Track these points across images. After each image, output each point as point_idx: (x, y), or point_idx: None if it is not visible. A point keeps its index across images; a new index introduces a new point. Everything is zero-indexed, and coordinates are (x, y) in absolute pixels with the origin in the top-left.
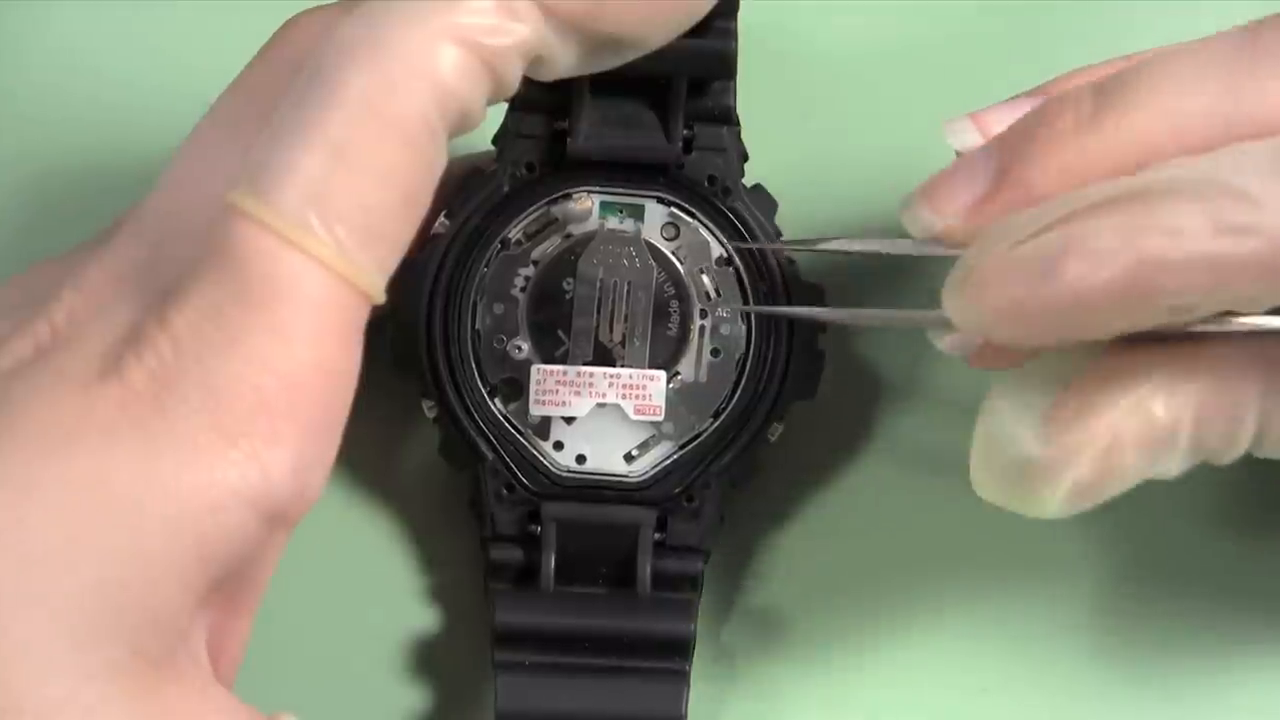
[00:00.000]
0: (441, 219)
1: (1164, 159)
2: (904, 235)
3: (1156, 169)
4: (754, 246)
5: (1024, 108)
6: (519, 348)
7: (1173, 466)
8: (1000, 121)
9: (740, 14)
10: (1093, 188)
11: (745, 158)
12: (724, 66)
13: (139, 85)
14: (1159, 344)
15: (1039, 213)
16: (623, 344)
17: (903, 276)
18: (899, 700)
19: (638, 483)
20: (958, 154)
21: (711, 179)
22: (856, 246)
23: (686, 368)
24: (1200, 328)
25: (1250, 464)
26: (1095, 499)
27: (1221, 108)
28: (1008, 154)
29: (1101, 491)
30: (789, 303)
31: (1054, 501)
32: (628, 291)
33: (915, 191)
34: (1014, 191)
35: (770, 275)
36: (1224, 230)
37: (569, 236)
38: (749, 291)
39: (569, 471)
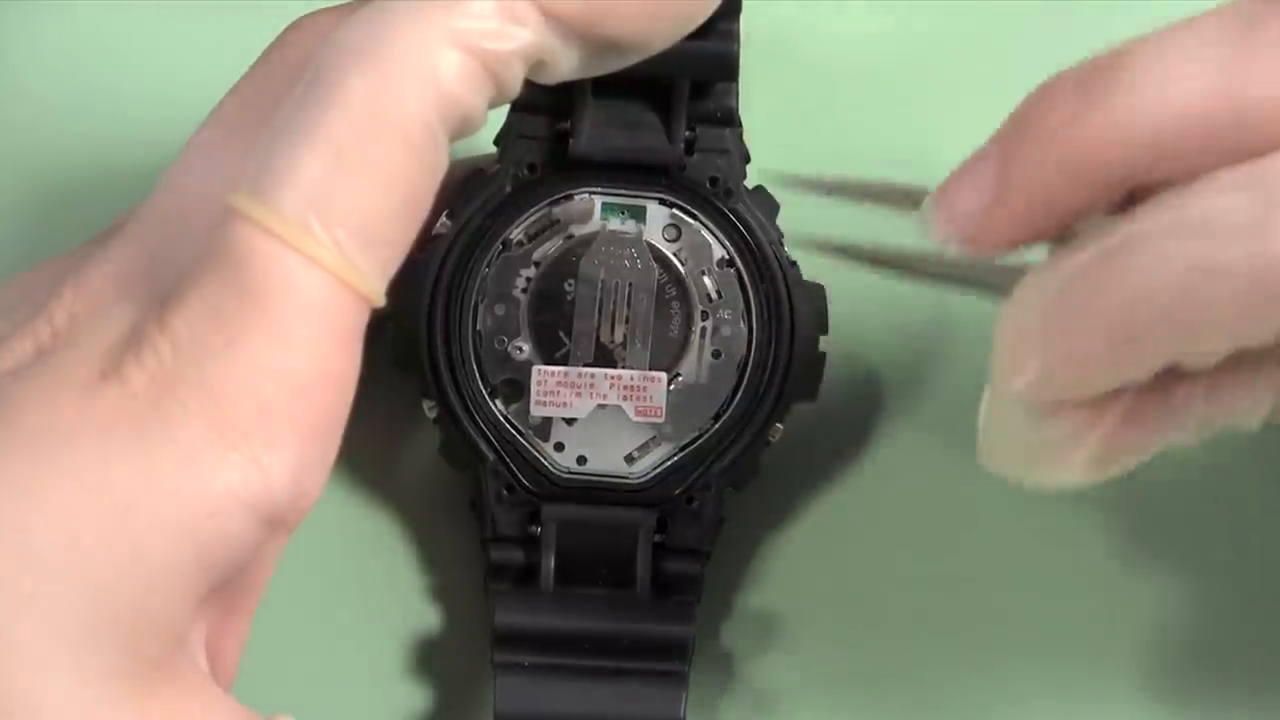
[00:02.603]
0: (443, 220)
1: (1162, 143)
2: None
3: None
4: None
5: (984, 172)
6: (520, 348)
7: (1189, 439)
8: (963, 199)
9: (743, 16)
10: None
11: (747, 159)
12: (726, 69)
13: (141, 87)
14: None
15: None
16: (624, 345)
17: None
18: (899, 701)
19: (638, 484)
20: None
21: (713, 180)
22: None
23: (687, 369)
24: None
25: None
26: (1111, 473)
27: (1219, 88)
28: (1005, 161)
29: (1116, 466)
30: (790, 307)
31: (1068, 479)
32: (629, 293)
33: (930, 197)
34: (1017, 200)
35: (772, 276)
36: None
37: (570, 237)
38: (750, 294)
39: (570, 472)
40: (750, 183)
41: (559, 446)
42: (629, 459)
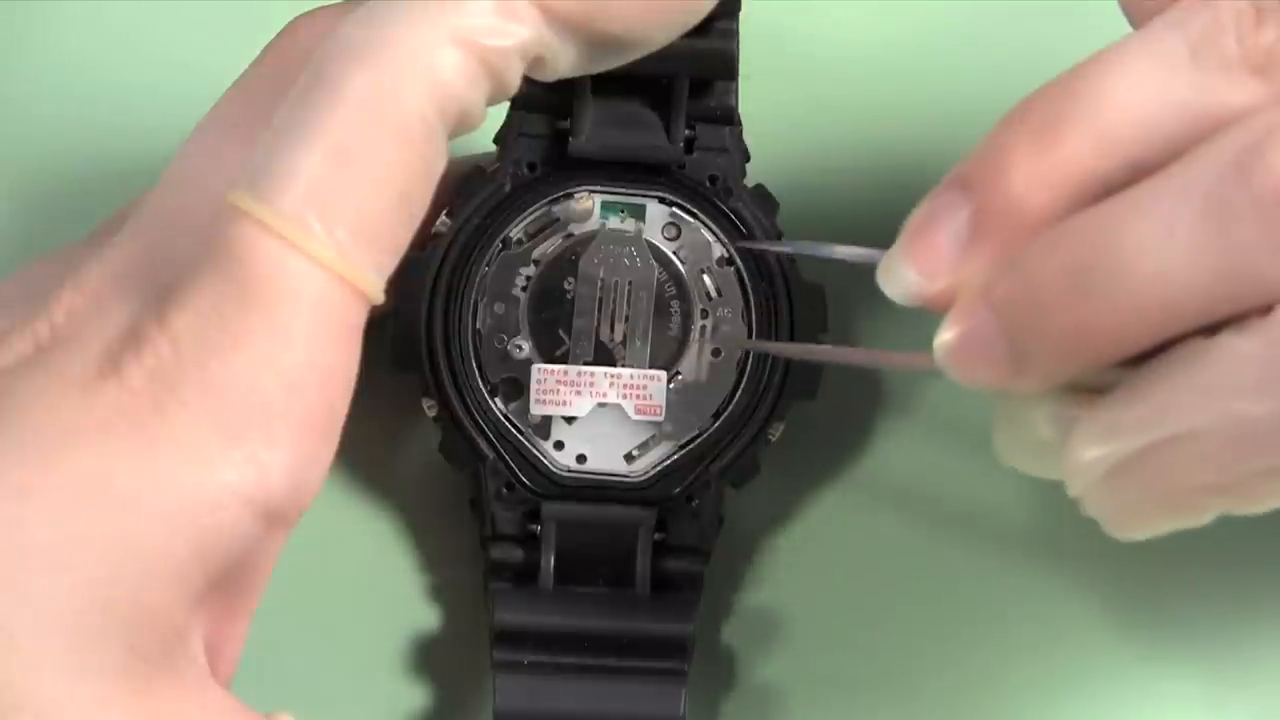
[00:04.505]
0: (443, 218)
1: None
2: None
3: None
4: (755, 246)
5: (952, 209)
6: (520, 347)
7: None
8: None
9: (742, 14)
10: None
11: (747, 158)
12: (726, 66)
13: (141, 84)
14: None
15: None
16: (623, 344)
17: None
18: (898, 701)
19: (638, 482)
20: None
21: (713, 179)
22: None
23: (687, 368)
24: None
25: None
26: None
27: (1172, 98)
28: (978, 203)
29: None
30: (790, 306)
31: (1086, 479)
32: (629, 291)
33: (895, 250)
34: (998, 235)
35: (770, 276)
36: None
37: (570, 236)
38: (750, 293)
39: (569, 471)
40: (750, 181)
41: (559, 445)
42: (629, 457)
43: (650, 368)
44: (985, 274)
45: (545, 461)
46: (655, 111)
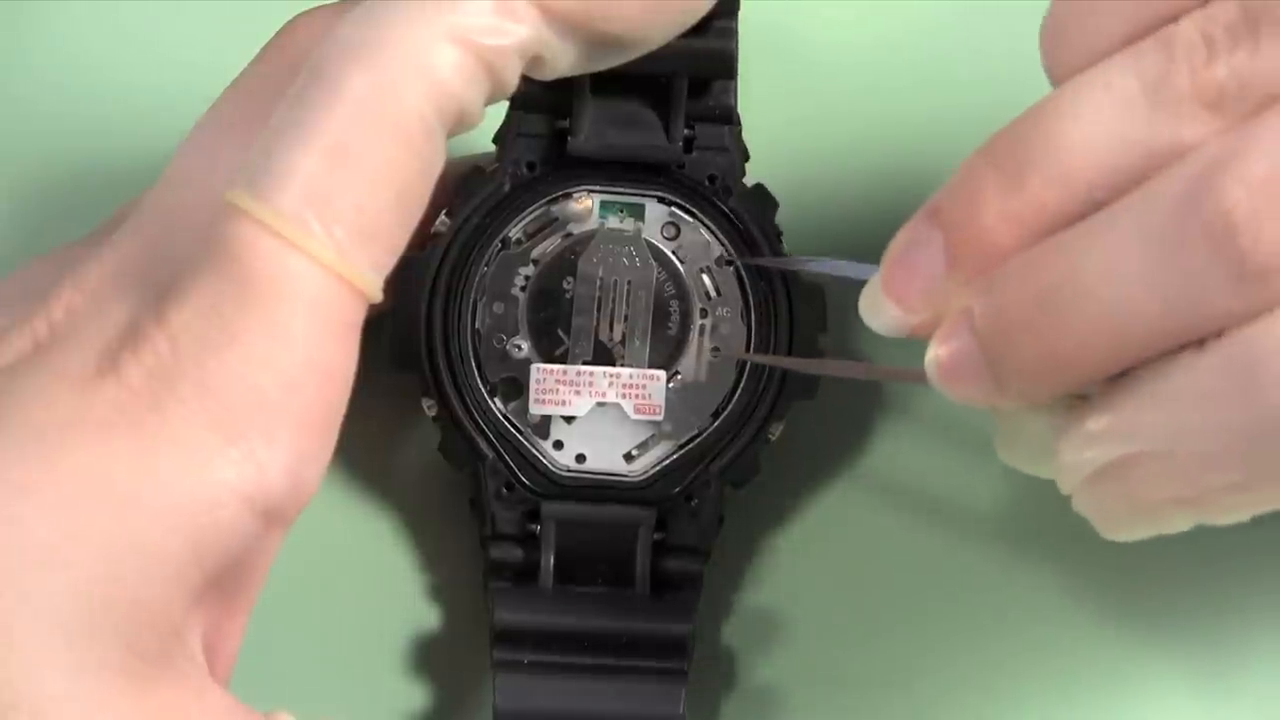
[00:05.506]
0: (442, 218)
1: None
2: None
3: None
4: (754, 262)
5: (926, 242)
6: (519, 347)
7: None
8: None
9: (741, 13)
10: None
11: (746, 157)
12: (725, 66)
13: (141, 84)
14: None
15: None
16: (623, 343)
17: None
18: (898, 700)
19: (638, 482)
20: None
21: (712, 179)
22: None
23: (686, 367)
24: None
25: None
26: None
27: (1130, 136)
28: (952, 238)
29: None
30: (789, 305)
31: (1070, 481)
32: (628, 291)
33: (874, 284)
34: (972, 267)
35: (769, 275)
36: None
37: (569, 236)
38: (749, 292)
39: (569, 471)
40: (749, 180)
41: (558, 445)
42: (628, 457)
43: (649, 367)
44: (966, 297)
45: (545, 461)
46: (654, 111)
